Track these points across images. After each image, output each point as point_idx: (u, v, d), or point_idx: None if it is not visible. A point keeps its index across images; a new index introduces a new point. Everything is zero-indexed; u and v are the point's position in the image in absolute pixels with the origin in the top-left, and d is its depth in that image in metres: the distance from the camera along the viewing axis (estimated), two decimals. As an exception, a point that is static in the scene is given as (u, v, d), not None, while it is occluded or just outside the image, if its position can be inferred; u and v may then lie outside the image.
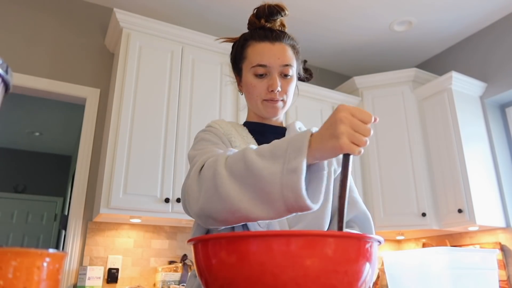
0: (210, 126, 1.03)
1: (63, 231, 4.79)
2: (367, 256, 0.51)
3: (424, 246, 3.36)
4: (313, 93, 3.21)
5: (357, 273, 0.50)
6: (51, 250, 0.36)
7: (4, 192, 5.59)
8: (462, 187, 2.85)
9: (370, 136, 0.62)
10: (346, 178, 0.60)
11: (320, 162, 0.68)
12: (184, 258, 2.60)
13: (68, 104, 3.18)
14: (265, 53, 0.98)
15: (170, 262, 2.58)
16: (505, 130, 3.24)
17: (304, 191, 0.63)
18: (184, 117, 2.59)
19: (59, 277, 0.37)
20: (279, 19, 1.05)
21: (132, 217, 2.40)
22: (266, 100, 1.00)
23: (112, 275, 2.41)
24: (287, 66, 0.99)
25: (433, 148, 3.13)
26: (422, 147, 3.17)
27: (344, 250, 0.49)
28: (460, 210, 2.82)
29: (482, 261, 0.87)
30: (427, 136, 3.19)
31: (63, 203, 5.80)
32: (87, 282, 2.29)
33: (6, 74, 0.38)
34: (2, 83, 0.38)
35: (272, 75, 0.98)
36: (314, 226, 0.92)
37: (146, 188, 2.34)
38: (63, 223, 4.66)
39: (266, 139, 1.04)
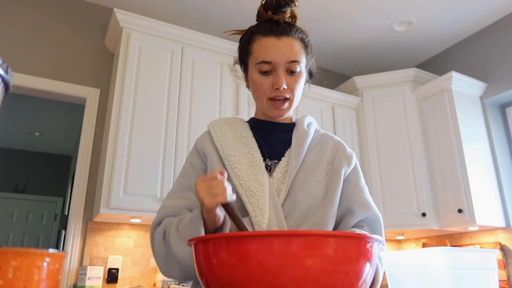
0: (199, 138, 1.05)
1: (63, 231, 4.78)
2: (368, 256, 0.51)
3: (424, 246, 3.36)
4: (313, 93, 3.20)
5: (357, 273, 0.50)
6: (51, 250, 0.36)
7: (4, 192, 5.59)
8: (462, 187, 2.85)
9: (224, 185, 0.76)
10: (236, 224, 0.74)
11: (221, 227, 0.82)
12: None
13: (68, 104, 3.18)
14: (270, 48, 0.93)
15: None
16: (505, 130, 3.24)
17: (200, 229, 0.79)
18: (184, 117, 2.59)
19: (59, 277, 0.37)
20: (289, 10, 0.98)
21: (132, 217, 2.40)
22: (271, 99, 0.96)
23: (112, 275, 2.41)
24: (294, 62, 0.94)
25: (433, 148, 3.13)
26: (422, 147, 3.16)
27: (344, 250, 0.49)
28: (460, 210, 2.82)
29: (482, 261, 0.87)
30: (427, 136, 3.19)
31: (63, 203, 5.80)
32: (87, 282, 2.29)
33: (6, 74, 0.38)
34: (2, 83, 0.38)
35: (277, 72, 0.93)
36: None
37: (146, 188, 2.34)
38: (63, 223, 4.66)
39: (273, 137, 1.03)
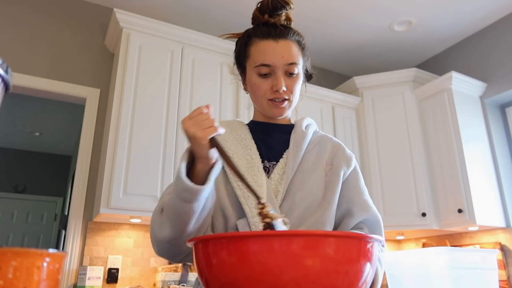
0: None
1: (63, 231, 4.78)
2: (368, 256, 0.51)
3: (424, 246, 3.36)
4: (313, 93, 3.20)
5: (358, 273, 0.50)
6: (51, 250, 0.36)
7: (4, 192, 5.58)
8: (462, 187, 2.85)
9: (211, 118, 0.77)
10: (224, 156, 0.75)
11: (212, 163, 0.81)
12: (184, 258, 2.60)
13: (68, 104, 3.17)
14: (268, 52, 0.94)
15: (170, 262, 2.58)
16: (505, 130, 3.23)
17: (184, 175, 0.77)
18: (184, 117, 2.58)
19: (59, 277, 0.37)
20: (284, 13, 0.99)
21: (132, 217, 2.40)
22: (271, 100, 0.97)
23: (112, 275, 2.41)
24: (292, 64, 0.95)
25: (433, 148, 3.13)
26: (422, 147, 3.16)
27: (345, 250, 0.49)
28: (460, 210, 2.82)
29: (482, 261, 0.87)
30: (427, 136, 3.19)
31: (63, 203, 5.80)
32: (87, 282, 2.29)
33: (6, 74, 0.38)
34: (2, 83, 0.38)
35: (276, 75, 0.94)
36: None
37: (146, 188, 2.34)
38: (63, 223, 4.66)
39: (272, 138, 1.03)
